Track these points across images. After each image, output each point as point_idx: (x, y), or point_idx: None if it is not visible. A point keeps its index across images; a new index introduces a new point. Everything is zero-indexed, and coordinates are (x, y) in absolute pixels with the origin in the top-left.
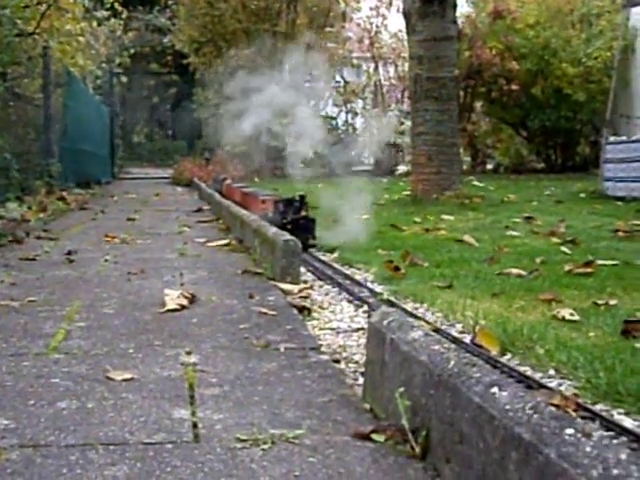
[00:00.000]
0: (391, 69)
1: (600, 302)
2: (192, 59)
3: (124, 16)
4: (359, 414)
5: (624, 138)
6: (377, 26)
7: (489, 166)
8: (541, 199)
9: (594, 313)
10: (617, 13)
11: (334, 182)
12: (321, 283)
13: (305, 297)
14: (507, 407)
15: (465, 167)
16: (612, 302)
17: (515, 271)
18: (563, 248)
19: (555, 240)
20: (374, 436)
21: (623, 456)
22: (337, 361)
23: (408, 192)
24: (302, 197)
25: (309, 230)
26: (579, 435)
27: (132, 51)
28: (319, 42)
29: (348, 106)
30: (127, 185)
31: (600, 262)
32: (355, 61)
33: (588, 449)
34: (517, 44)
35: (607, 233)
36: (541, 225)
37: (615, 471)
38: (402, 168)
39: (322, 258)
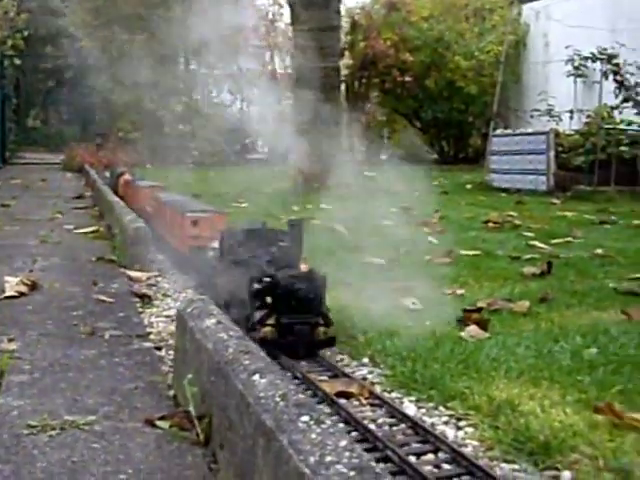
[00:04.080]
0: (287, 58)
1: (449, 291)
2: (85, 43)
3: None
4: (161, 401)
5: (509, 131)
6: (273, 14)
7: (383, 157)
8: (426, 190)
9: (439, 302)
10: (509, 8)
11: (226, 170)
12: (173, 271)
13: (152, 285)
14: (261, 395)
15: (359, 157)
16: (460, 291)
17: (377, 260)
18: (431, 238)
19: (426, 230)
20: (159, 423)
21: (343, 443)
22: (159, 348)
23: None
24: (295, 224)
25: (314, 307)
26: (312, 422)
27: (26, 33)
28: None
29: (244, 94)
30: (17, 170)
31: (463, 252)
32: (251, 49)
33: (314, 436)
34: (411, 36)
35: (479, 224)
36: (417, 215)
37: (329, 458)
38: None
39: None
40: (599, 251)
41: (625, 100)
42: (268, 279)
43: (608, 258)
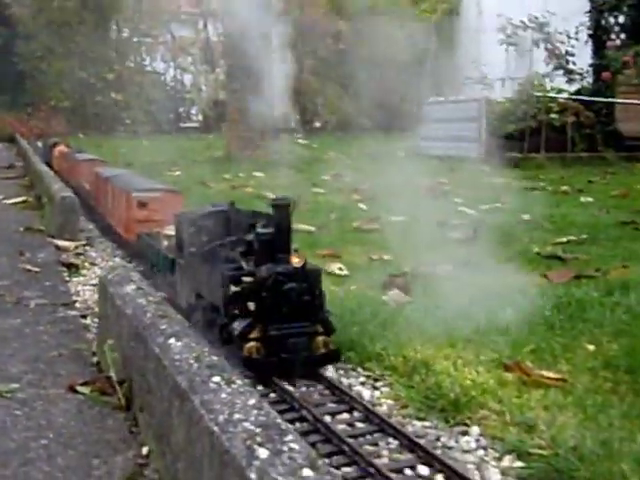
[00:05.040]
0: (220, 25)
1: (375, 257)
2: (15, 9)
3: None
4: (85, 368)
5: (441, 98)
6: None
7: (317, 124)
8: (359, 157)
9: (366, 267)
10: None
11: (160, 139)
12: (103, 239)
13: (80, 254)
14: (176, 357)
15: (293, 125)
16: (386, 257)
17: (304, 227)
18: (361, 205)
19: (356, 197)
20: (81, 389)
21: (251, 401)
22: (85, 316)
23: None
24: (280, 205)
25: (311, 312)
26: (223, 383)
27: None
28: None
29: (176, 62)
30: None
31: (391, 218)
32: (184, 16)
33: (224, 395)
34: (346, 4)
35: (410, 190)
36: (348, 183)
37: (237, 416)
38: None
39: None
40: (526, 217)
41: (556, 68)
42: (248, 278)
43: (534, 223)
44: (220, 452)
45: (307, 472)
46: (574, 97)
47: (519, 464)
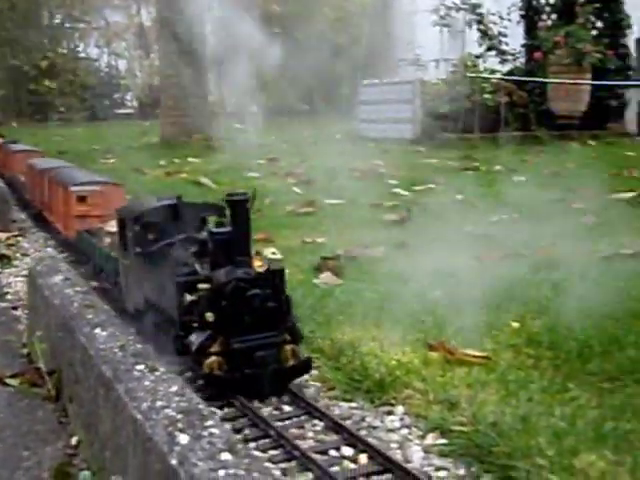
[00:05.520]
0: (154, 10)
1: (309, 240)
2: None
3: None
4: (15, 359)
5: (376, 80)
6: None
7: (254, 109)
8: (295, 141)
9: (299, 251)
10: None
11: (95, 126)
12: (35, 230)
13: (12, 245)
14: (101, 347)
15: (229, 110)
16: (320, 239)
17: None
18: (296, 188)
19: (291, 181)
20: (9, 381)
21: (174, 388)
22: (16, 308)
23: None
24: (237, 200)
25: (278, 320)
26: (146, 371)
27: None
28: None
29: (110, 48)
30: None
31: (326, 201)
32: (117, 1)
33: (147, 383)
34: None
35: (345, 173)
36: (283, 166)
37: (160, 403)
38: None
39: None
40: (459, 197)
41: (489, 49)
42: (205, 285)
43: (467, 204)
44: (143, 439)
45: (226, 456)
46: (507, 77)
47: (442, 441)
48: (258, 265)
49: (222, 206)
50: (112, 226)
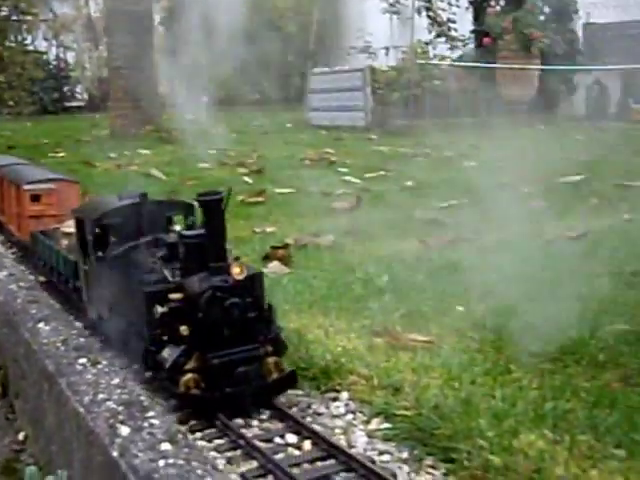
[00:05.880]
0: (101, 1)
1: (258, 230)
2: None
3: None
4: None
5: (327, 69)
6: None
7: (204, 99)
8: (247, 131)
9: (249, 240)
10: None
11: (45, 119)
12: None
13: None
14: (44, 341)
15: (179, 100)
16: (270, 229)
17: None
18: (246, 178)
19: (241, 170)
20: None
21: (115, 381)
22: None
23: None
24: (211, 201)
25: (260, 330)
26: (88, 364)
27: None
28: None
29: (59, 40)
30: None
31: (277, 190)
32: None
33: (89, 376)
34: None
35: (296, 162)
36: (234, 156)
37: (101, 395)
38: None
39: None
40: (409, 183)
41: (438, 36)
42: (177, 295)
43: (417, 190)
44: (86, 432)
45: (166, 446)
46: (456, 63)
47: (385, 425)
48: (237, 272)
49: (190, 204)
50: (69, 226)
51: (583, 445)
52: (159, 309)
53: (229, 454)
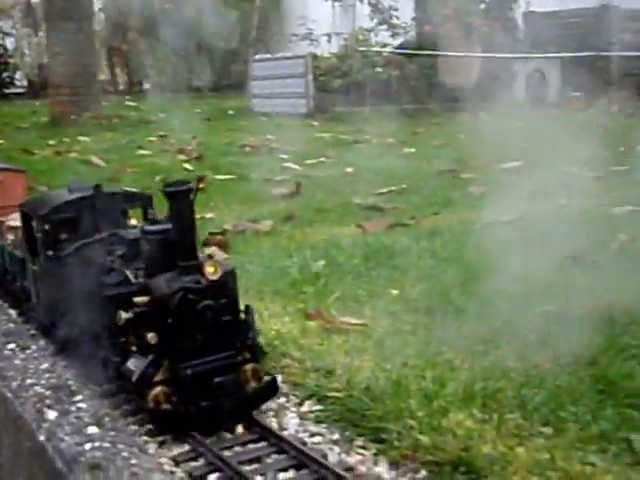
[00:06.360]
0: None
1: (197, 216)
2: None
3: None
4: None
5: (268, 55)
6: None
7: (147, 86)
8: (188, 117)
9: None
10: None
11: None
12: None
13: None
14: None
15: (122, 87)
16: (209, 215)
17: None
18: (187, 165)
19: (182, 157)
20: None
21: (44, 366)
22: None
23: None
24: (179, 192)
25: (237, 335)
26: (17, 349)
27: None
28: None
29: None
30: None
31: (217, 177)
32: None
33: (17, 362)
34: None
35: (236, 149)
36: (174, 143)
37: (29, 380)
38: None
39: None
40: (349, 170)
41: (380, 23)
42: (142, 298)
43: (357, 176)
44: (14, 417)
45: (92, 429)
46: (398, 51)
47: (317, 407)
48: (211, 272)
49: (149, 196)
50: (14, 219)
51: (511, 423)
52: (123, 315)
53: (160, 438)
